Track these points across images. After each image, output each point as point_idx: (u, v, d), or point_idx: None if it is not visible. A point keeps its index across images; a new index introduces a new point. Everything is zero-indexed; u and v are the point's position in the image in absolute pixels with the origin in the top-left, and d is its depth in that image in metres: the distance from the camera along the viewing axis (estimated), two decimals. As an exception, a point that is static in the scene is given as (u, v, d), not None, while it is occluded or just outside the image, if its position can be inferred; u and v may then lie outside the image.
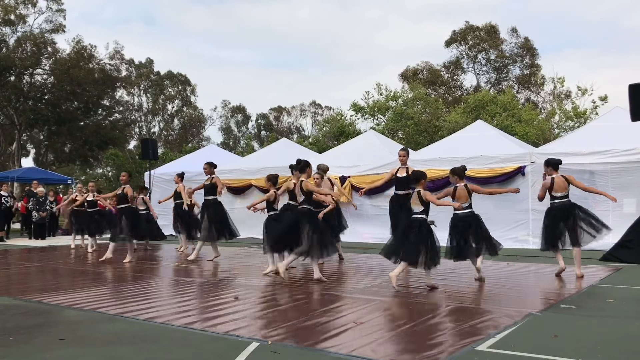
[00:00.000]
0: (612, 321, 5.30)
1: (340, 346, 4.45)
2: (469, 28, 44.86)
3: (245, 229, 16.57)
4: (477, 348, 4.32)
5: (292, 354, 4.26)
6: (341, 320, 5.39)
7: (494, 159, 12.92)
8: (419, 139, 31.24)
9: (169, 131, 57.43)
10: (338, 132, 34.47)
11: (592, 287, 7.25)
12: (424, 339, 4.63)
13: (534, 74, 43.15)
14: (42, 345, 4.54)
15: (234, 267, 10.21)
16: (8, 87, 33.27)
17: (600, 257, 10.18)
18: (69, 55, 35.62)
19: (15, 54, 33.35)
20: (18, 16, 34.45)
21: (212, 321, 5.35)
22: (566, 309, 5.86)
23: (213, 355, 4.29)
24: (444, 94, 44.79)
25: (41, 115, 34.51)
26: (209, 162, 10.91)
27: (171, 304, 6.36)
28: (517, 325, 5.07)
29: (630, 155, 11.56)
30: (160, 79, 54.95)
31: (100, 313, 5.81)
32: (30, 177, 21.57)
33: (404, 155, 9.61)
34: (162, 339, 4.73)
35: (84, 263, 10.90)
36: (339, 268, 9.84)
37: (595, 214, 8.13)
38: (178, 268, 9.99)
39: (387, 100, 35.59)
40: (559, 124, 33.97)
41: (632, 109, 10.17)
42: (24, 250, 13.80)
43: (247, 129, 62.79)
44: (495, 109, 30.94)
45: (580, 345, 4.39)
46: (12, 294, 7.01)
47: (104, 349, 4.41)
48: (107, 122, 39.28)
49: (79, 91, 34.80)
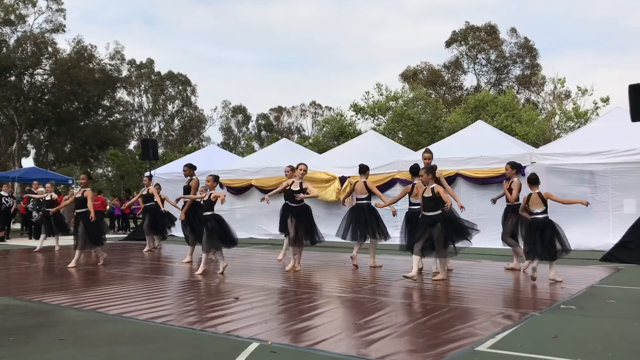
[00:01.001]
0: (612, 321, 5.30)
1: (340, 346, 4.45)
2: (469, 28, 44.88)
3: (246, 229, 16.65)
4: (477, 348, 4.32)
5: (292, 354, 4.26)
6: (341, 321, 5.39)
7: (494, 159, 12.91)
8: (419, 139, 31.23)
9: (169, 131, 57.46)
10: (338, 132, 34.47)
11: (592, 288, 7.25)
12: (424, 339, 4.62)
13: (534, 74, 43.16)
14: (42, 345, 4.54)
15: (234, 267, 10.20)
16: (8, 87, 33.27)
17: (601, 258, 10.18)
18: (69, 55, 35.62)
19: (15, 54, 33.35)
20: (18, 16, 34.45)
21: (212, 321, 5.35)
22: (566, 309, 5.85)
23: (213, 355, 4.29)
24: (444, 94, 44.80)
25: (41, 116, 34.53)
26: (188, 164, 10.89)
27: (171, 304, 6.36)
28: (517, 325, 5.07)
29: (630, 156, 11.56)
30: (160, 79, 54.98)
31: (100, 313, 5.81)
32: (30, 177, 21.57)
33: (428, 158, 9.00)
34: (162, 339, 4.73)
35: (84, 263, 10.89)
36: (340, 268, 9.83)
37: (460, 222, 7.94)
38: (178, 268, 10.00)
39: (387, 100, 35.59)
40: (559, 125, 33.97)
41: (632, 109, 10.16)
42: (24, 250, 13.80)
43: (248, 129, 62.88)
44: (495, 109, 30.94)
45: (580, 345, 4.39)
46: (12, 294, 7.01)
47: (104, 349, 4.41)
48: (107, 122, 39.30)
49: (79, 91, 34.81)
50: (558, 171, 12.21)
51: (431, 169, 7.95)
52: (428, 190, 7.77)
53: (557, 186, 12.25)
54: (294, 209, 9.11)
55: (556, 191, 12.41)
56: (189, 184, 10.62)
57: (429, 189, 7.74)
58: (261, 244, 14.20)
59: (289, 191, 9.13)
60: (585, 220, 11.90)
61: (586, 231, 11.83)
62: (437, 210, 7.62)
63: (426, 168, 8.00)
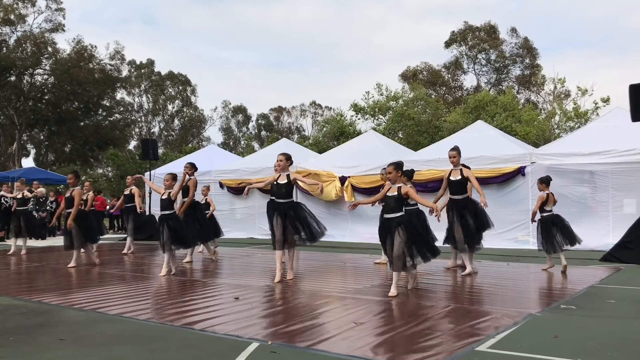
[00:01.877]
0: (612, 321, 5.30)
1: (340, 346, 4.45)
2: (468, 28, 44.88)
3: (246, 229, 16.66)
4: (477, 348, 4.32)
5: (292, 354, 4.26)
6: (341, 321, 5.38)
7: (494, 159, 12.92)
8: (419, 139, 31.24)
9: (169, 131, 57.46)
10: (338, 132, 34.48)
11: (592, 288, 7.25)
12: (424, 339, 4.62)
13: (534, 74, 43.17)
14: (42, 345, 4.54)
15: (234, 267, 10.20)
16: (8, 87, 33.30)
17: (601, 258, 10.19)
18: (69, 55, 35.65)
19: (15, 54, 33.36)
20: (17, 16, 34.45)
21: (212, 321, 5.35)
22: (566, 309, 5.85)
23: (213, 355, 4.28)
24: (445, 94, 44.81)
25: (41, 116, 34.55)
26: (191, 163, 10.83)
27: (171, 304, 6.36)
28: (517, 326, 5.07)
29: (630, 156, 11.57)
30: (160, 79, 54.98)
31: (100, 313, 5.80)
32: (30, 177, 21.56)
33: (454, 156, 8.47)
34: (162, 339, 4.73)
35: (84, 263, 10.89)
36: (340, 268, 9.83)
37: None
38: (178, 268, 9.99)
39: (388, 100, 35.60)
40: (559, 125, 33.97)
41: (632, 109, 10.17)
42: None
43: (248, 129, 62.88)
44: (495, 109, 30.95)
45: (580, 346, 4.39)
46: (12, 294, 7.01)
47: (104, 349, 4.41)
48: (107, 122, 39.32)
49: (79, 91, 34.84)
50: (558, 171, 12.21)
51: (400, 166, 6.90)
52: (394, 189, 6.78)
53: (557, 186, 12.24)
54: (280, 206, 7.91)
55: (556, 191, 12.41)
56: (187, 183, 10.62)
57: (395, 188, 6.77)
58: (261, 244, 14.20)
59: (277, 185, 7.95)
60: (585, 220, 11.92)
61: (586, 231, 11.81)
62: (400, 212, 6.68)
63: (395, 164, 6.90)
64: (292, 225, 7.83)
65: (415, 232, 6.73)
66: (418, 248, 6.67)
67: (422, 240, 6.85)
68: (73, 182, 10.12)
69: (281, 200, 7.90)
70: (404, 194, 6.65)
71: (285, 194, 7.92)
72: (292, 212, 7.87)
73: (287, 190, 7.92)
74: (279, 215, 7.85)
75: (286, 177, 7.95)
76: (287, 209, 7.87)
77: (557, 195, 12.77)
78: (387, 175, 6.90)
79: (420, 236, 6.86)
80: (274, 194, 8.00)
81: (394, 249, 6.55)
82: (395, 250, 6.52)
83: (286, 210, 7.85)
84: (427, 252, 6.77)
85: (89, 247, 10.41)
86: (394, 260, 6.57)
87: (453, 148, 8.60)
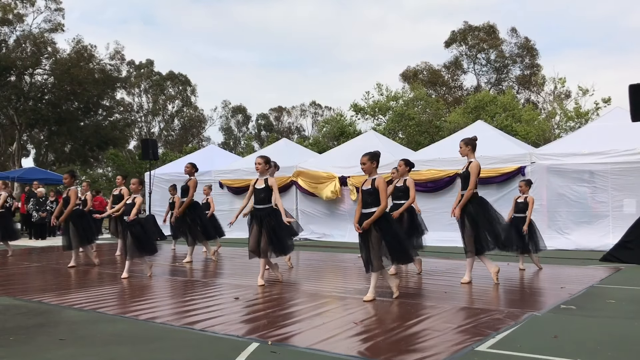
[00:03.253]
0: (612, 321, 5.30)
1: (340, 346, 4.45)
2: (468, 28, 44.88)
3: (246, 229, 16.62)
4: (477, 348, 4.32)
5: (292, 354, 4.26)
6: (341, 321, 5.38)
7: (494, 159, 12.91)
8: (419, 139, 31.25)
9: (169, 131, 57.47)
10: (338, 132, 34.48)
11: (592, 288, 7.25)
12: (424, 339, 4.62)
13: (535, 74, 43.16)
14: (42, 345, 4.54)
15: (234, 267, 10.20)
16: (8, 87, 33.30)
17: (601, 258, 10.18)
18: (69, 55, 35.65)
19: (15, 53, 33.36)
20: (16, 15, 34.44)
21: (212, 321, 5.35)
22: (566, 309, 5.85)
23: (213, 355, 4.29)
24: (445, 94, 44.81)
25: (41, 115, 34.53)
26: (192, 163, 10.85)
27: (171, 304, 6.36)
28: (517, 326, 5.07)
29: (630, 156, 11.56)
30: (160, 79, 54.99)
31: (100, 313, 5.80)
32: (30, 177, 21.58)
33: (461, 147, 7.99)
34: (162, 339, 4.73)
35: (83, 263, 10.89)
36: (340, 268, 9.83)
37: None
38: (178, 268, 9.99)
39: (388, 100, 35.60)
40: (560, 125, 33.97)
41: (632, 109, 10.16)
42: (24, 250, 13.79)
43: (248, 129, 62.88)
44: (495, 109, 30.95)
45: (580, 346, 4.39)
46: (12, 294, 7.01)
47: (104, 349, 4.41)
48: (107, 123, 39.31)
49: (79, 91, 34.84)
50: (558, 171, 12.22)
51: (375, 156, 6.37)
52: (368, 182, 6.27)
53: (557, 186, 12.28)
54: (257, 212, 7.55)
55: (556, 191, 12.48)
56: (187, 183, 10.63)
57: (369, 181, 6.27)
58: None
59: (255, 190, 7.64)
60: (585, 220, 11.93)
61: (586, 231, 11.86)
62: (376, 206, 6.12)
63: (370, 154, 6.37)
64: (267, 233, 7.43)
65: (394, 237, 6.19)
66: (392, 253, 6.18)
67: (397, 245, 6.24)
68: (69, 181, 10.08)
69: (259, 206, 7.53)
70: (376, 186, 6.14)
71: (262, 200, 7.52)
72: (268, 219, 7.45)
73: (266, 196, 7.50)
74: (255, 222, 7.54)
75: (264, 182, 7.59)
76: (265, 215, 7.48)
77: (557, 195, 12.79)
78: (362, 167, 6.38)
79: (396, 234, 6.29)
80: (254, 198, 7.65)
81: (372, 249, 6.12)
82: (376, 251, 6.12)
83: (263, 217, 7.47)
84: (399, 254, 6.29)
85: (88, 247, 10.40)
86: (372, 259, 6.15)
87: (465, 141, 8.04)
